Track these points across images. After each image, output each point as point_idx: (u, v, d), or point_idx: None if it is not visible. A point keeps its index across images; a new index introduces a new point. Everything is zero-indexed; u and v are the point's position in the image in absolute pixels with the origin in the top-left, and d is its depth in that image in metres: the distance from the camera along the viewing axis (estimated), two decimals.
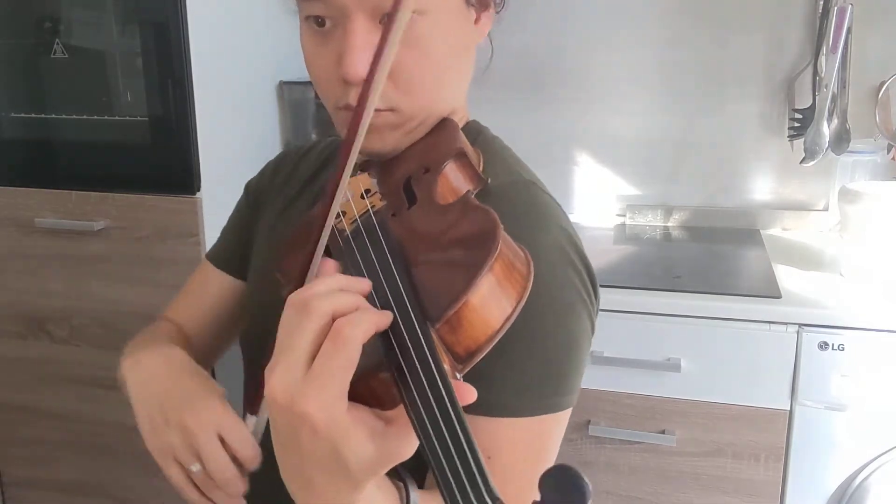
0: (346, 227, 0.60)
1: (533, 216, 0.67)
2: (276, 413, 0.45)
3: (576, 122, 1.91)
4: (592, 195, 1.94)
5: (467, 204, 0.56)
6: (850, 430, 1.35)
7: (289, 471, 0.48)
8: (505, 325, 0.48)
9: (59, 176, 1.64)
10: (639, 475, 1.47)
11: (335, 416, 0.44)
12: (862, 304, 1.34)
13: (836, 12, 1.59)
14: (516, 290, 0.49)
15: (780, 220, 1.83)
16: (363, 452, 0.45)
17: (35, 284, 1.69)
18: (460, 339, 0.47)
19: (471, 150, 0.68)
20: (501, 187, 0.67)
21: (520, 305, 0.49)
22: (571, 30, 1.83)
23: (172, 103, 1.51)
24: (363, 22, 0.63)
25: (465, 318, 0.46)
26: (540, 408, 0.63)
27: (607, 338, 1.41)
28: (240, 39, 1.70)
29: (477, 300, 0.46)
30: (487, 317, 0.47)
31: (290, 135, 1.88)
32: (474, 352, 0.47)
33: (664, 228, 1.87)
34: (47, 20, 1.55)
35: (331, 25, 0.65)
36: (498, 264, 0.48)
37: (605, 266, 1.57)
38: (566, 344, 0.64)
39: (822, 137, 1.67)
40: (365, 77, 0.58)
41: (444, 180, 0.61)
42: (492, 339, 0.47)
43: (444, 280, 0.49)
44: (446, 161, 0.62)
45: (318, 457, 0.45)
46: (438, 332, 0.46)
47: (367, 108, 0.53)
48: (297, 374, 0.44)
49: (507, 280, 0.48)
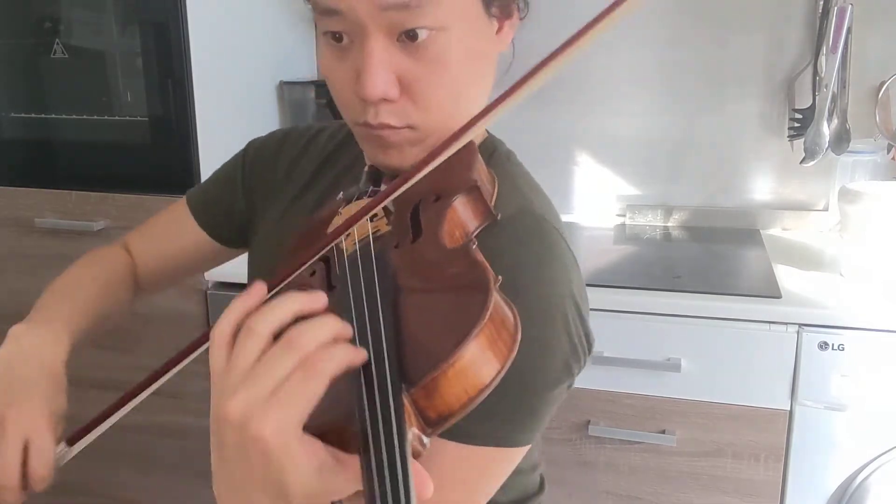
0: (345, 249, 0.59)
1: (538, 256, 0.65)
2: (228, 432, 0.44)
3: (576, 121, 1.91)
4: (592, 195, 1.94)
5: (468, 255, 0.54)
6: (850, 430, 1.35)
7: (228, 487, 0.47)
8: (483, 392, 0.46)
9: (59, 176, 1.64)
10: (639, 475, 1.47)
11: (289, 444, 0.43)
12: (862, 304, 1.34)
13: (836, 12, 1.59)
14: (500, 357, 0.47)
15: (780, 220, 1.83)
16: (307, 483, 0.44)
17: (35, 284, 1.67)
18: (434, 405, 0.45)
19: (485, 181, 0.65)
20: (511, 217, 0.66)
21: (501, 373, 0.47)
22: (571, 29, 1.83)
23: (172, 103, 1.51)
24: (381, 40, 0.62)
25: (442, 386, 0.45)
26: (494, 440, 0.62)
27: (607, 338, 1.41)
28: (240, 39, 1.70)
29: (457, 368, 0.45)
30: (466, 385, 0.46)
31: None
32: (447, 417, 0.46)
33: (664, 228, 1.87)
34: (47, 20, 1.55)
35: (348, 42, 0.64)
36: (485, 332, 0.46)
37: (605, 266, 1.57)
38: (536, 389, 0.63)
39: (822, 137, 1.67)
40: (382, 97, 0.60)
41: (453, 214, 0.60)
42: (466, 407, 0.46)
43: (430, 339, 0.47)
44: (457, 194, 0.61)
45: (263, 478, 0.44)
46: (412, 396, 0.45)
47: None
48: (260, 400, 0.43)
49: (491, 348, 0.47)
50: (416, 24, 0.61)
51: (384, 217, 0.62)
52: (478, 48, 0.67)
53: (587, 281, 0.70)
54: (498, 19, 0.69)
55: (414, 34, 0.61)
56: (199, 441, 1.66)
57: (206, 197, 0.94)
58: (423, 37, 0.62)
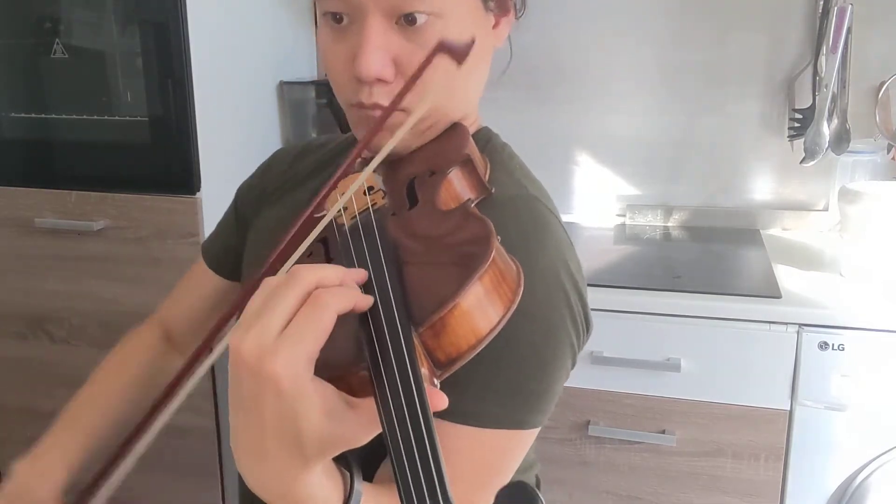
0: (345, 222, 0.60)
1: (533, 234, 0.66)
2: (243, 374, 0.45)
3: (576, 121, 1.91)
4: (592, 195, 1.94)
5: (466, 212, 0.56)
6: (850, 430, 1.35)
7: (244, 437, 0.47)
8: (488, 335, 0.48)
9: (59, 176, 1.64)
10: (639, 475, 1.47)
11: (300, 379, 0.44)
12: (862, 304, 1.34)
13: (836, 12, 1.59)
14: (504, 302, 0.49)
15: (780, 220, 1.83)
16: (320, 427, 0.45)
17: (35, 284, 1.69)
18: (442, 345, 0.47)
19: (478, 158, 0.67)
20: (505, 200, 0.67)
21: (505, 318, 0.49)
22: (571, 29, 1.84)
23: (172, 103, 1.51)
24: (379, 21, 0.63)
25: (449, 325, 0.46)
26: (506, 422, 0.63)
27: (607, 338, 1.41)
28: (240, 39, 1.70)
29: (463, 308, 0.46)
30: (472, 325, 0.47)
31: (290, 135, 1.88)
32: (455, 359, 0.47)
33: (664, 228, 1.87)
34: (47, 20, 1.55)
35: (348, 22, 0.65)
36: (488, 275, 0.48)
37: (605, 266, 1.57)
38: (543, 365, 0.64)
39: (822, 137, 1.67)
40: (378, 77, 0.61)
41: (448, 185, 0.61)
42: (474, 349, 0.47)
43: (433, 285, 0.49)
44: (452, 166, 0.62)
45: (277, 421, 0.44)
46: (421, 336, 0.46)
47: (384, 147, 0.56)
48: (271, 335, 0.44)
49: (495, 291, 0.48)
50: (416, 8, 0.62)
51: (379, 191, 0.63)
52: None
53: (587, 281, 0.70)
54: (495, 14, 0.70)
55: (412, 18, 0.63)
56: (200, 441, 1.66)
57: (211, 243, 0.97)
58: (421, 21, 0.63)
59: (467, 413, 0.61)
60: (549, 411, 0.66)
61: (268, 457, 0.46)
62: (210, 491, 1.69)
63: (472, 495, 0.62)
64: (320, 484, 0.49)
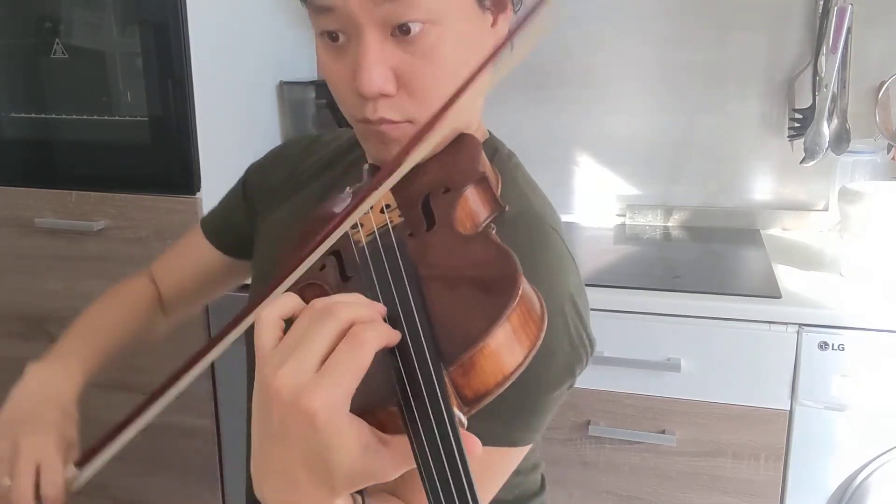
0: (361, 239, 0.59)
1: (534, 256, 0.65)
2: (275, 406, 0.44)
3: (576, 121, 1.91)
4: (592, 195, 1.94)
5: (489, 241, 0.56)
6: (850, 430, 1.35)
7: (270, 468, 0.47)
8: (516, 371, 0.48)
9: (59, 176, 1.64)
10: (639, 475, 1.47)
11: (337, 416, 0.43)
12: (862, 304, 1.34)
13: (836, 12, 1.59)
14: (530, 338, 0.49)
15: (780, 220, 1.83)
16: (353, 462, 0.45)
17: (35, 284, 1.69)
18: (471, 383, 0.47)
19: (491, 174, 0.67)
20: (510, 219, 0.66)
21: (532, 353, 0.48)
22: (572, 29, 1.83)
23: (172, 103, 1.51)
24: (375, 36, 0.62)
25: (479, 364, 0.46)
26: (502, 440, 0.63)
27: (607, 338, 1.41)
28: (240, 39, 1.70)
29: (493, 347, 0.46)
30: (500, 363, 0.47)
31: (289, 135, 1.88)
32: (482, 395, 0.47)
33: (664, 228, 1.87)
34: (47, 20, 1.55)
35: (344, 40, 0.65)
36: (516, 313, 0.47)
37: (605, 266, 1.57)
38: (539, 388, 0.64)
39: (822, 137, 1.67)
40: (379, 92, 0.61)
41: (465, 204, 0.61)
42: (501, 385, 0.47)
43: (462, 320, 0.48)
44: (467, 185, 0.61)
45: (308, 455, 0.44)
46: (450, 375, 0.46)
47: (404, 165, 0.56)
48: (309, 371, 0.44)
49: (522, 329, 0.48)
50: (409, 17, 0.62)
51: (396, 209, 0.63)
52: (472, 41, 0.67)
53: (587, 281, 0.70)
54: (492, 12, 0.69)
55: (407, 28, 0.62)
56: (200, 441, 1.66)
57: (213, 217, 0.99)
58: (416, 30, 0.62)
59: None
60: (542, 429, 0.67)
61: (295, 484, 0.46)
62: (211, 492, 1.69)
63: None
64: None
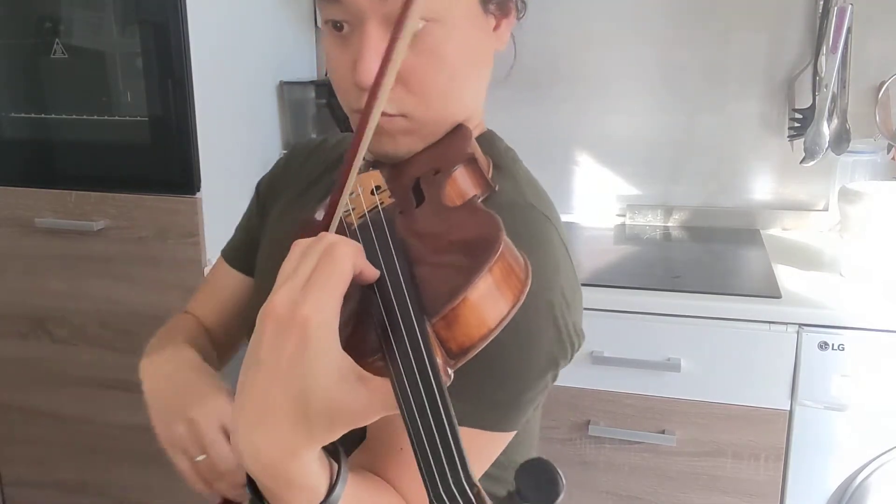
0: (353, 222, 0.61)
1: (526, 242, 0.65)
2: (269, 326, 0.47)
3: (576, 121, 1.91)
4: (592, 195, 1.94)
5: (473, 207, 0.58)
6: (850, 430, 1.35)
7: (250, 393, 0.48)
8: (499, 325, 0.49)
9: (59, 176, 1.64)
10: (639, 475, 1.47)
11: (327, 325, 0.46)
12: (862, 304, 1.34)
13: (836, 12, 1.59)
14: (513, 293, 0.50)
15: (780, 220, 1.83)
16: (328, 387, 0.46)
17: (35, 284, 1.69)
18: (455, 336, 0.48)
19: (481, 157, 0.68)
20: (503, 206, 0.66)
21: (515, 308, 0.50)
22: (572, 30, 1.84)
23: (172, 103, 1.51)
24: (377, 28, 0.63)
25: (462, 316, 0.48)
26: (479, 421, 0.63)
27: (607, 338, 1.41)
28: (240, 39, 1.70)
29: (474, 299, 0.48)
30: (483, 316, 0.49)
31: (290, 135, 1.88)
32: (468, 348, 0.49)
33: (664, 228, 1.87)
34: (47, 20, 1.55)
35: (349, 30, 0.66)
36: (497, 266, 0.49)
37: (605, 266, 1.57)
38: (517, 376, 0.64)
39: (822, 137, 1.67)
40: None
41: (453, 183, 0.62)
42: (485, 338, 0.49)
43: (445, 278, 0.50)
44: (457, 165, 0.63)
45: (291, 368, 0.46)
46: (434, 328, 0.48)
47: (374, 112, 0.55)
48: (298, 287, 0.47)
49: (504, 283, 0.50)
50: None
51: (386, 191, 0.64)
52: (473, 43, 0.68)
53: (587, 281, 0.70)
54: (495, 17, 0.70)
55: None
56: None
57: (234, 244, 0.97)
58: (419, 27, 0.63)
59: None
60: (519, 420, 0.67)
61: (272, 417, 0.47)
62: None
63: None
64: (313, 471, 0.50)
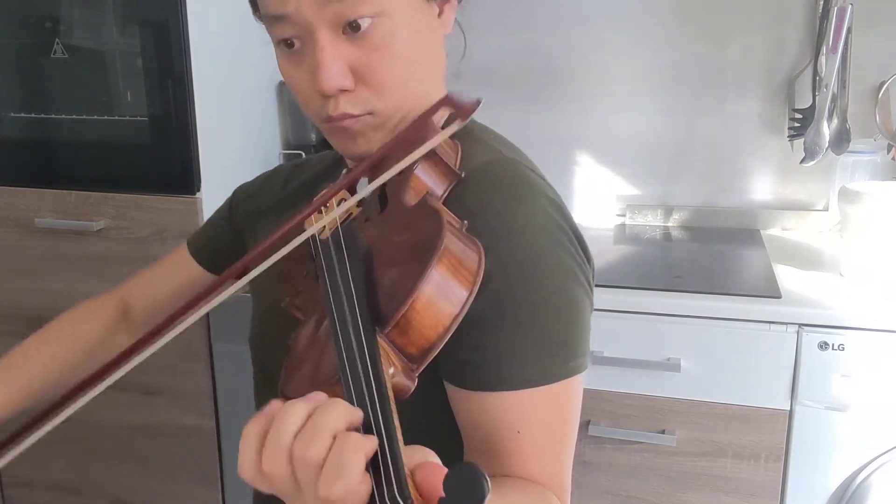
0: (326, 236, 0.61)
1: (517, 189, 0.68)
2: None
3: (576, 122, 1.91)
4: (592, 195, 1.94)
5: (422, 206, 0.58)
6: (850, 430, 1.35)
7: None
8: (456, 319, 0.49)
9: (59, 176, 1.64)
10: (639, 475, 1.47)
11: None
12: (862, 304, 1.34)
13: (836, 12, 1.59)
14: (466, 284, 0.50)
15: (780, 220, 1.83)
16: None
17: (35, 284, 1.69)
18: (412, 340, 0.48)
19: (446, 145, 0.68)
20: (481, 166, 0.69)
21: (470, 298, 0.50)
22: (572, 30, 1.83)
23: (172, 103, 1.51)
24: (327, 35, 0.66)
25: (414, 320, 0.48)
26: (560, 373, 0.65)
27: (607, 338, 1.41)
28: (240, 39, 1.70)
29: (423, 301, 0.48)
30: (436, 316, 0.49)
31: (290, 135, 1.88)
32: (427, 350, 0.49)
33: (664, 228, 1.87)
34: (47, 20, 1.55)
35: (300, 45, 0.68)
36: (442, 264, 0.49)
37: (605, 266, 1.57)
38: (568, 306, 0.65)
39: (822, 137, 1.67)
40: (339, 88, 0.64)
41: (416, 181, 0.63)
42: (443, 337, 0.49)
43: (394, 284, 0.50)
44: (417, 163, 0.63)
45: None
46: (389, 336, 0.48)
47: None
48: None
49: (454, 278, 0.50)
50: (358, 14, 0.65)
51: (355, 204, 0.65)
52: (421, 30, 0.70)
53: None
54: (437, 3, 0.72)
55: (356, 25, 0.65)
56: (200, 441, 1.66)
57: (199, 233, 1.00)
58: (365, 25, 0.66)
59: (522, 378, 0.63)
60: (588, 350, 0.69)
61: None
62: (211, 492, 1.69)
63: (554, 467, 0.70)
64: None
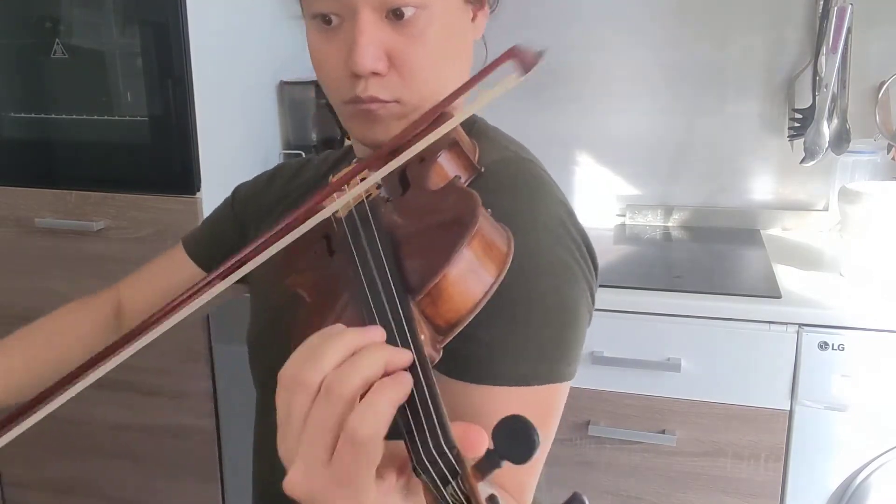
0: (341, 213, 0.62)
1: (527, 189, 0.68)
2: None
3: (576, 122, 1.91)
4: (592, 195, 1.94)
5: (453, 188, 0.60)
6: (850, 430, 1.35)
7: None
8: (484, 298, 0.50)
9: (59, 176, 1.64)
10: (639, 475, 1.47)
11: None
12: (862, 304, 1.34)
13: (836, 12, 1.59)
14: (496, 265, 0.51)
15: (780, 220, 1.83)
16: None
17: (35, 284, 1.69)
18: (441, 312, 0.49)
19: (466, 141, 0.70)
20: (494, 164, 0.70)
21: (499, 280, 0.51)
22: (572, 30, 1.83)
23: (172, 103, 1.51)
24: (370, 17, 0.66)
25: (445, 291, 0.49)
26: (551, 376, 0.64)
27: (607, 338, 1.41)
28: (240, 39, 1.70)
29: (456, 274, 0.49)
30: (467, 290, 0.50)
31: (290, 135, 1.88)
32: (455, 323, 0.50)
33: (664, 228, 1.87)
34: (47, 20, 1.55)
35: (338, 22, 0.68)
36: (476, 240, 0.50)
37: (605, 266, 1.56)
38: (565, 308, 0.65)
39: (822, 137, 1.67)
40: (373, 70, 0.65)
41: (438, 168, 0.64)
42: (472, 311, 0.50)
43: (427, 257, 0.51)
44: (440, 150, 0.65)
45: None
46: (420, 305, 0.49)
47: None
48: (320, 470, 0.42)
49: (486, 255, 0.51)
50: (404, 1, 0.66)
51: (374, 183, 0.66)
52: (455, 30, 0.71)
53: None
54: (473, 7, 0.74)
55: (401, 12, 0.66)
56: (199, 441, 1.66)
57: (197, 235, 0.99)
58: (409, 14, 0.66)
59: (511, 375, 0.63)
60: (579, 360, 0.68)
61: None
62: (211, 492, 1.69)
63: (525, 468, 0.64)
64: None
